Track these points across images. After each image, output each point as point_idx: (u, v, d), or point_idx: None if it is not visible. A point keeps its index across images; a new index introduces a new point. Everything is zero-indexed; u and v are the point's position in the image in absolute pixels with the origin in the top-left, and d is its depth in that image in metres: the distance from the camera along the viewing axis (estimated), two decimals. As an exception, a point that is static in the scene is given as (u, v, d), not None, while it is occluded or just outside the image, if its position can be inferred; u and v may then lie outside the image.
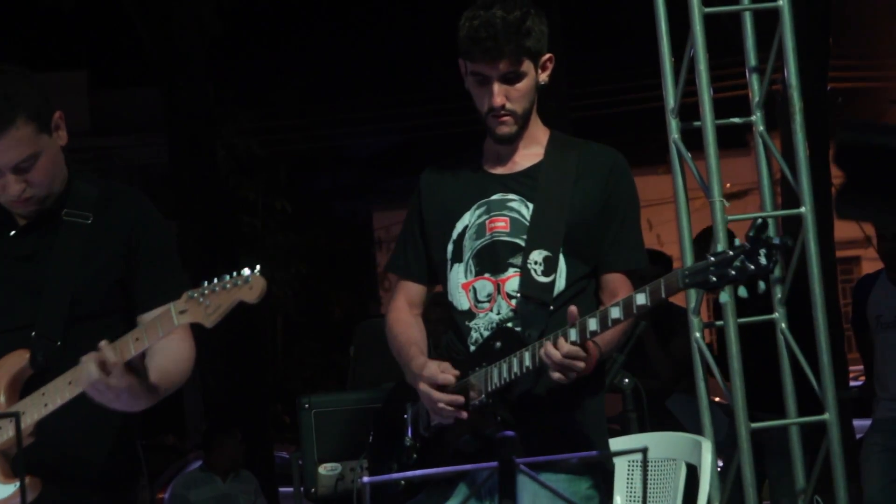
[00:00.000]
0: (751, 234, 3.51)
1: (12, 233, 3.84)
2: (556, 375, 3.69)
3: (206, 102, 16.01)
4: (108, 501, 3.89)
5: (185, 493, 10.22)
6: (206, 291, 3.54)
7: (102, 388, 3.54)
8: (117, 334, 3.66)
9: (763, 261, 3.48)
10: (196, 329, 3.62)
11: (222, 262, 15.53)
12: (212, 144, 16.25)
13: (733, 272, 3.50)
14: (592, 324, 3.66)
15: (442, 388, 3.83)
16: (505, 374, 3.79)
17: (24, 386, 3.74)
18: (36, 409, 3.67)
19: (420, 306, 4.13)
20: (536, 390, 3.83)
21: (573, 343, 3.65)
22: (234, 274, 3.55)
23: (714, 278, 3.55)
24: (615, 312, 3.65)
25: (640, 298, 3.62)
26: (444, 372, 3.84)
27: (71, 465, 3.80)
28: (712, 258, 3.55)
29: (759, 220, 3.66)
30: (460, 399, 3.82)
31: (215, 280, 3.54)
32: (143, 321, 3.75)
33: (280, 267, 24.94)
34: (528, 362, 3.74)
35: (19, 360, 3.75)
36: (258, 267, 3.59)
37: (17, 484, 3.65)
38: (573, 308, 3.71)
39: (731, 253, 3.51)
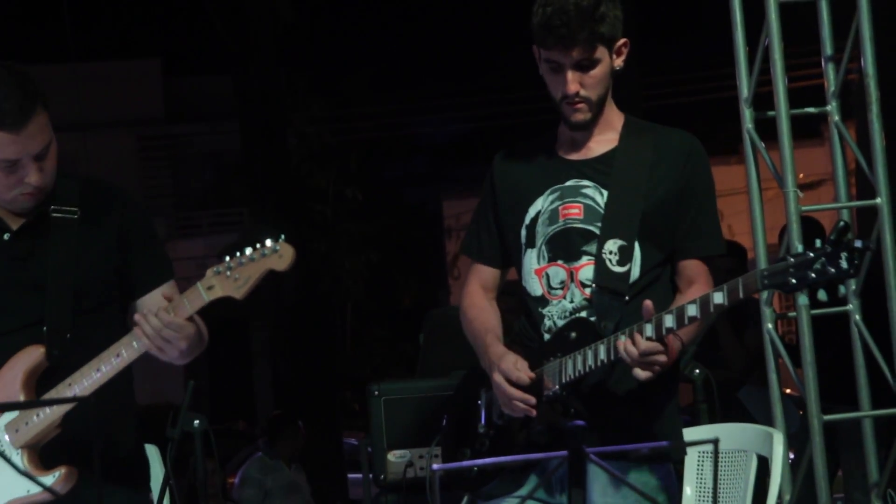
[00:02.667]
0: (832, 236, 3.46)
1: (6, 236, 3.87)
2: (639, 372, 3.68)
3: (278, 90, 16.12)
4: (128, 480, 3.93)
5: (262, 478, 10.31)
6: (233, 265, 3.60)
7: (159, 340, 3.64)
8: (120, 323, 3.83)
9: (844, 265, 3.44)
10: (267, 317, 3.64)
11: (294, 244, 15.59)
12: (283, 132, 16.36)
13: (813, 275, 3.47)
14: (668, 320, 3.63)
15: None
16: (580, 367, 3.77)
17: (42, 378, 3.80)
18: (76, 391, 3.73)
19: (494, 290, 4.12)
20: (610, 382, 3.81)
21: (648, 338, 3.63)
22: (259, 245, 3.60)
23: (794, 280, 3.52)
24: (692, 310, 3.62)
25: (718, 297, 3.59)
26: (520, 370, 3.82)
27: (88, 456, 3.74)
28: (791, 259, 3.51)
29: (841, 223, 3.61)
30: (532, 399, 3.80)
31: (238, 254, 3.59)
32: (143, 304, 3.83)
33: (350, 255, 25.07)
34: (602, 355, 3.72)
35: (34, 355, 3.79)
36: (283, 235, 3.62)
37: (52, 476, 3.71)
38: (648, 302, 3.68)
39: (811, 255, 3.47)
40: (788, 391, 5.52)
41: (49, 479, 3.69)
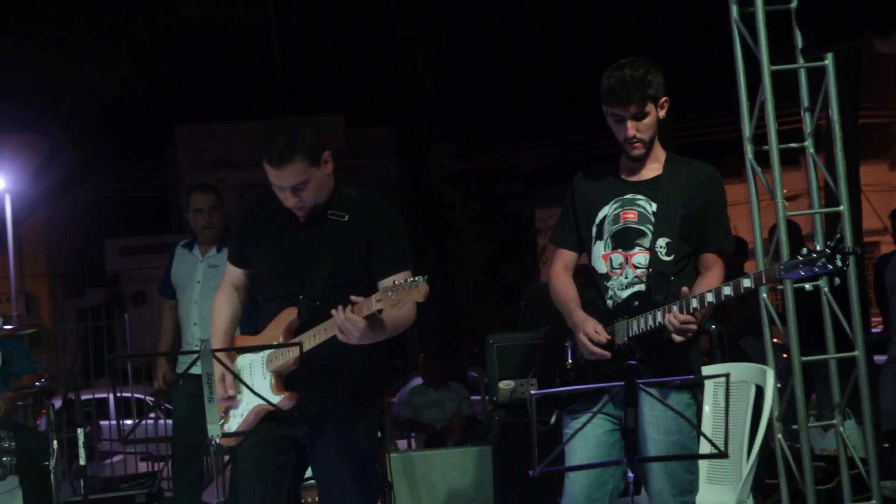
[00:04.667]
0: (831, 243, 3.47)
1: (293, 227, 3.85)
2: (676, 336, 3.70)
3: (422, 134, 16.20)
4: (359, 401, 3.87)
5: (410, 399, 10.35)
6: (393, 291, 3.54)
7: (346, 329, 3.61)
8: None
9: (839, 263, 3.44)
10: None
11: (432, 245, 15.81)
12: (426, 163, 16.43)
13: (817, 269, 3.47)
14: (710, 296, 3.65)
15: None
16: (642, 326, 3.78)
17: (294, 333, 3.80)
18: (307, 343, 3.71)
19: (572, 269, 4.09)
20: (659, 336, 3.79)
21: (689, 313, 3.65)
22: (410, 280, 3.56)
23: (802, 272, 3.51)
24: (727, 290, 3.62)
25: (746, 282, 3.58)
26: (599, 333, 3.84)
27: (332, 381, 3.80)
28: (801, 258, 3.51)
29: (839, 235, 3.64)
30: (608, 354, 3.82)
31: (397, 283, 3.55)
32: (382, 286, 3.71)
33: (471, 248, 25.11)
34: (659, 318, 3.73)
35: (291, 314, 3.78)
36: (425, 276, 3.59)
37: (286, 395, 3.73)
38: (685, 289, 3.70)
39: (814, 255, 3.47)
40: (776, 340, 5.50)
41: (279, 397, 3.73)
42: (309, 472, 3.96)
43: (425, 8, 17.18)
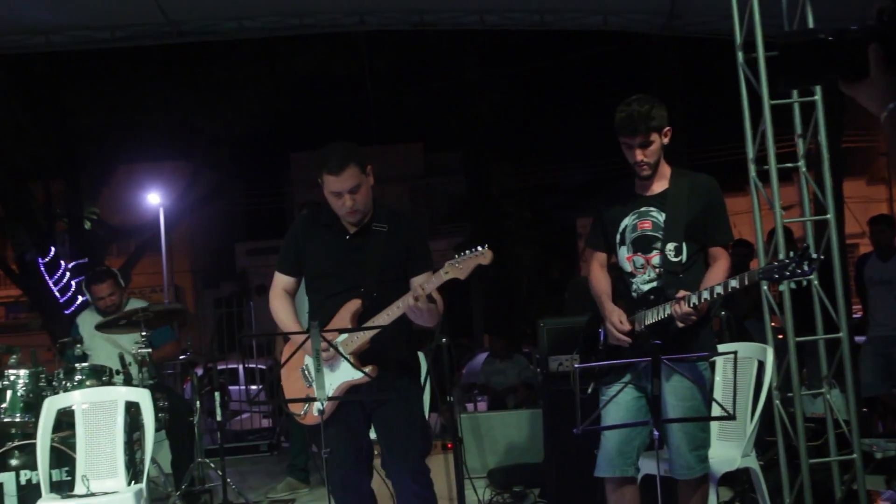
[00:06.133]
0: (799, 252, 3.42)
1: (347, 236, 3.83)
2: (679, 323, 3.68)
3: (486, 156, 16.23)
4: (408, 374, 3.87)
5: (484, 368, 10.39)
6: (460, 260, 3.52)
7: (415, 309, 3.60)
8: (404, 290, 3.68)
9: (806, 268, 3.40)
10: (484, 282, 3.62)
11: (493, 247, 15.78)
12: (488, 180, 16.48)
13: (787, 272, 3.43)
14: (705, 294, 3.59)
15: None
16: (656, 317, 3.76)
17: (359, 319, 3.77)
18: (382, 321, 3.68)
19: (605, 266, 4.06)
20: (673, 323, 3.74)
21: (691, 307, 3.61)
22: (475, 248, 3.51)
23: (776, 275, 3.47)
24: (718, 289, 3.57)
25: (733, 283, 3.53)
26: (622, 322, 3.82)
27: (387, 358, 3.77)
28: (776, 264, 3.47)
29: (805, 244, 3.60)
30: (629, 340, 3.81)
31: (465, 252, 3.53)
32: (413, 282, 3.72)
33: (525, 249, 25.01)
34: (669, 310, 3.70)
35: (356, 304, 3.76)
36: (487, 244, 3.56)
37: (370, 367, 3.69)
38: (682, 291, 3.66)
39: (787, 261, 3.43)
40: (774, 324, 5.42)
41: (367, 369, 3.72)
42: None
43: (488, 56, 17.24)
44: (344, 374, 3.74)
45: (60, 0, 6.31)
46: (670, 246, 3.83)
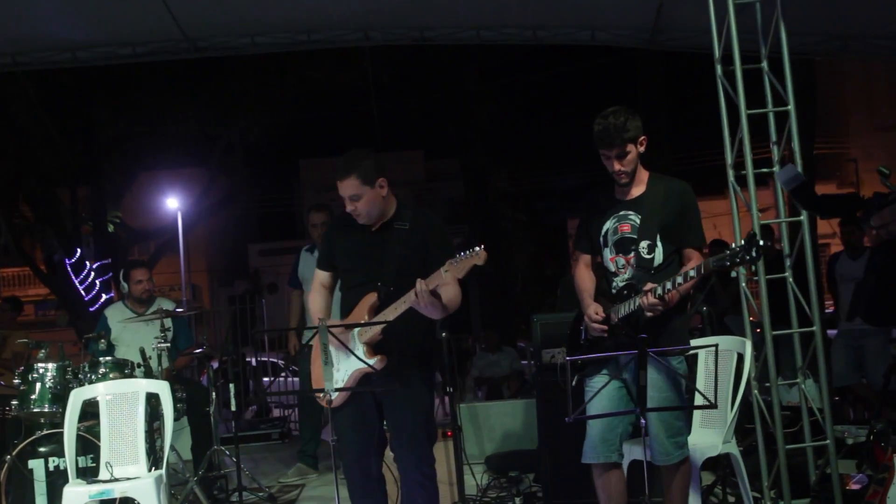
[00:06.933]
0: (745, 240, 3.44)
1: (370, 233, 3.84)
2: (646, 313, 3.68)
3: (483, 164, 16.23)
4: (420, 366, 3.84)
5: (476, 362, 10.42)
6: (458, 260, 3.50)
7: (421, 302, 3.58)
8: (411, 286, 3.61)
9: (753, 254, 3.41)
10: (477, 280, 3.61)
11: (489, 248, 15.74)
12: (486, 186, 16.47)
13: (738, 259, 3.44)
14: (668, 284, 3.62)
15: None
16: (628, 309, 3.77)
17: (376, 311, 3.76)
18: (386, 318, 3.68)
19: (590, 267, 4.05)
20: (643, 314, 3.74)
21: (657, 297, 3.63)
22: (471, 249, 3.51)
23: (727, 262, 3.48)
24: (679, 279, 3.61)
25: (692, 272, 3.58)
26: (597, 314, 3.83)
27: (401, 347, 3.76)
28: (727, 252, 3.47)
29: (751, 231, 3.59)
30: (604, 328, 3.81)
31: (463, 252, 3.52)
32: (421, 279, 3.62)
33: (519, 249, 25.01)
34: (638, 303, 3.72)
35: (372, 297, 3.75)
36: (483, 245, 3.56)
37: (378, 357, 3.68)
38: (650, 285, 3.67)
39: (737, 249, 3.44)
40: (752, 318, 5.41)
41: (374, 360, 3.72)
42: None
43: (485, 69, 17.24)
44: (357, 362, 3.74)
45: (86, 19, 6.36)
46: (643, 244, 3.82)
